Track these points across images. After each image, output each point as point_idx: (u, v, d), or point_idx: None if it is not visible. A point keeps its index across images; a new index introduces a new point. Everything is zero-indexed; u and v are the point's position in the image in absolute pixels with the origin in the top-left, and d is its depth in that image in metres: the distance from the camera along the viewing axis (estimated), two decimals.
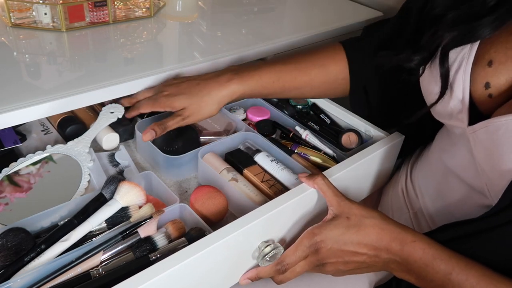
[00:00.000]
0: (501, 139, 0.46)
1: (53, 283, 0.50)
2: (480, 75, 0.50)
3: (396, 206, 0.72)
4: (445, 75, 0.52)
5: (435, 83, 0.54)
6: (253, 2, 1.09)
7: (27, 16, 0.80)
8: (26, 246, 0.52)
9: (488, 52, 0.50)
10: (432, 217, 0.63)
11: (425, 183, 0.67)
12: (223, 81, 0.67)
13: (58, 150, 0.68)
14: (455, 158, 0.59)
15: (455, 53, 0.52)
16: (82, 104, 0.66)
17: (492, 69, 0.49)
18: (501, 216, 0.46)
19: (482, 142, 0.50)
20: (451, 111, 0.54)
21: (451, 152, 0.61)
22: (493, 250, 0.48)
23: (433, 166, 0.66)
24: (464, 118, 0.52)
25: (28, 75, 0.68)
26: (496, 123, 0.46)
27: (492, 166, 0.49)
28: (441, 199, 0.62)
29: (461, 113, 0.52)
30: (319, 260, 0.53)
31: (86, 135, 0.71)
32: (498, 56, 0.49)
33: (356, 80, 0.72)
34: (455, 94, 0.52)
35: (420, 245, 0.49)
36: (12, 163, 0.65)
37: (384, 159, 0.72)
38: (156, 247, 0.55)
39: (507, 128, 0.45)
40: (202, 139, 0.76)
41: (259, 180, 0.67)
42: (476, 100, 0.51)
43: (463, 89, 0.51)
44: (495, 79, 0.49)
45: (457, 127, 0.55)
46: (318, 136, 0.78)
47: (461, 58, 0.51)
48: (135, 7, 0.91)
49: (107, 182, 0.60)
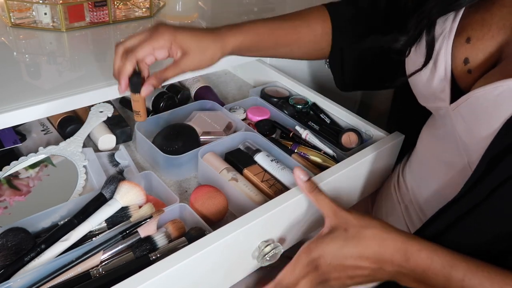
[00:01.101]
0: (479, 109, 0.48)
1: (53, 283, 0.50)
2: (460, 51, 0.52)
3: (389, 202, 0.72)
4: (431, 43, 0.53)
5: (421, 56, 0.55)
6: (253, 2, 1.09)
7: (27, 16, 0.80)
8: (26, 246, 0.52)
9: (466, 30, 0.52)
10: (421, 207, 0.64)
11: (413, 175, 0.68)
12: (223, 31, 0.64)
13: (50, 151, 0.68)
14: (439, 141, 0.61)
15: (438, 30, 0.54)
16: (82, 104, 0.66)
17: (470, 45, 0.51)
18: (484, 185, 0.45)
19: (463, 116, 0.51)
20: (434, 91, 0.55)
21: (434, 137, 0.62)
22: (487, 227, 0.47)
23: (419, 156, 0.67)
24: (447, 96, 0.53)
25: (28, 75, 0.68)
26: (475, 95, 0.48)
27: (472, 138, 0.50)
28: (428, 186, 0.63)
29: (444, 92, 0.54)
30: (321, 277, 0.50)
31: (77, 135, 0.71)
32: (475, 33, 0.51)
33: (336, 43, 0.73)
34: (438, 72, 0.53)
35: (427, 254, 0.47)
36: (5, 166, 0.65)
37: (384, 158, 0.72)
38: (156, 246, 0.55)
39: (485, 98, 0.47)
40: (202, 139, 0.76)
41: (259, 179, 0.67)
42: (456, 77, 0.53)
43: (445, 66, 0.53)
44: (474, 55, 0.51)
45: (440, 107, 0.56)
46: (318, 136, 0.78)
47: (443, 36, 0.53)
48: (135, 7, 0.91)
49: (107, 182, 0.60)
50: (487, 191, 0.45)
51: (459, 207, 0.49)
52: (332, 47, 0.73)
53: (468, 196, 0.48)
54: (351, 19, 0.71)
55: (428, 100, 0.58)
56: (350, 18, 0.71)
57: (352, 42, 0.72)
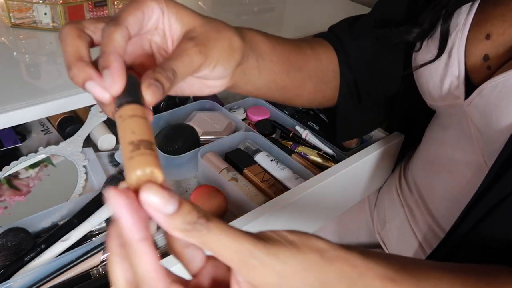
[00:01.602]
0: (497, 97, 0.47)
1: (53, 283, 0.50)
2: (478, 48, 0.51)
3: (391, 206, 0.72)
4: (445, 35, 0.52)
5: (434, 48, 0.54)
6: (253, 2, 1.09)
7: (27, 16, 0.80)
8: (26, 245, 0.52)
9: (484, 26, 0.51)
10: (429, 208, 0.63)
11: (418, 176, 0.67)
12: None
13: (50, 151, 0.68)
14: (448, 141, 0.60)
15: (452, 24, 0.53)
16: (82, 104, 0.66)
17: (490, 42, 0.51)
18: (504, 182, 0.44)
19: (478, 109, 0.50)
20: (447, 88, 0.54)
21: (443, 137, 0.61)
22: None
23: (425, 157, 0.66)
24: (461, 92, 0.52)
25: (28, 75, 0.68)
26: (492, 84, 0.47)
27: (490, 128, 0.49)
28: (437, 187, 0.62)
29: (458, 88, 0.53)
30: None
31: (77, 135, 0.71)
32: (495, 29, 0.50)
33: (345, 70, 0.63)
34: (451, 68, 0.53)
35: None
36: (5, 166, 0.65)
37: (384, 158, 0.72)
38: (156, 246, 0.55)
39: (504, 85, 0.46)
40: (202, 139, 0.76)
41: (259, 179, 0.67)
42: (472, 74, 0.52)
43: (459, 62, 0.52)
44: (494, 51, 0.51)
45: (453, 105, 0.55)
46: (318, 135, 0.78)
47: (456, 32, 0.52)
48: None
49: (107, 181, 0.60)
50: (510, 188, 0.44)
51: (488, 200, 0.47)
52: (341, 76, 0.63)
53: (496, 187, 0.46)
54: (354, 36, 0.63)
55: (439, 98, 0.57)
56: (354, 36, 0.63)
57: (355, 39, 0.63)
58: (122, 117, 0.27)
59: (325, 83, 0.61)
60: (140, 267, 0.24)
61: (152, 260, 0.24)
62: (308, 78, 0.58)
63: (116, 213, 0.23)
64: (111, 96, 0.29)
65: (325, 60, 0.61)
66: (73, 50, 0.31)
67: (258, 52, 0.49)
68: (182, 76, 0.34)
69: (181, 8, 0.38)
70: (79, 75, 0.30)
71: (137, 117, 0.27)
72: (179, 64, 0.34)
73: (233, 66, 0.42)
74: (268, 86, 0.53)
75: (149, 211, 0.24)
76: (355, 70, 0.62)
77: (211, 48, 0.38)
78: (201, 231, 0.25)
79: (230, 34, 0.42)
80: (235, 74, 0.45)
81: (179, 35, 0.38)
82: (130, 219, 0.23)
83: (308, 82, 0.58)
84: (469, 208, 0.50)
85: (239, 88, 0.50)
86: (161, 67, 0.32)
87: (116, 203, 0.23)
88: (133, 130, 0.26)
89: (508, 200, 0.45)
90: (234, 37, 0.42)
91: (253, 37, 0.48)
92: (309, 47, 0.59)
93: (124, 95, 0.29)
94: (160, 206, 0.24)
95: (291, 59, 0.55)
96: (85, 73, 0.30)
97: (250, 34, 0.48)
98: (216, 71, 0.40)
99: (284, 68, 0.53)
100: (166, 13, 0.37)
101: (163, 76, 0.32)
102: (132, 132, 0.26)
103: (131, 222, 0.23)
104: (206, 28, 0.39)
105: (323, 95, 0.62)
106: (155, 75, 0.31)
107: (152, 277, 0.24)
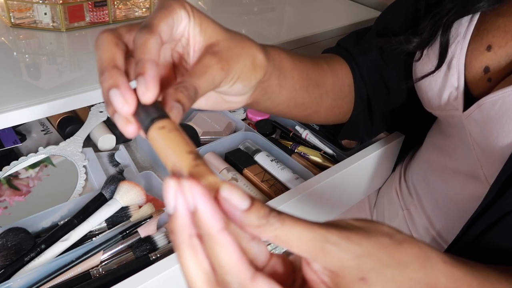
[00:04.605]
0: (497, 113, 0.46)
1: (53, 283, 0.50)
2: (479, 59, 0.51)
3: (390, 207, 0.72)
4: (445, 46, 0.52)
5: (434, 59, 0.54)
6: (253, 2, 1.09)
7: (27, 16, 0.80)
8: (26, 245, 0.52)
9: (486, 37, 0.50)
10: (427, 214, 0.63)
11: (418, 181, 0.67)
12: None
13: (50, 151, 0.68)
14: (448, 150, 0.59)
15: (452, 34, 0.52)
16: (82, 104, 0.66)
17: (492, 53, 0.50)
18: (505, 199, 0.44)
19: (477, 122, 0.50)
20: (446, 99, 0.54)
21: (443, 145, 0.61)
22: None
23: (426, 163, 0.66)
24: (459, 104, 0.52)
25: (28, 75, 0.68)
26: (492, 99, 0.47)
27: (489, 144, 0.49)
28: (436, 194, 0.62)
29: (457, 100, 0.52)
30: None
31: (77, 135, 0.71)
32: (497, 41, 0.49)
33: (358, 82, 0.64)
34: (451, 79, 0.52)
35: None
36: (5, 166, 0.65)
37: (383, 158, 0.72)
38: (156, 246, 0.55)
39: (503, 101, 0.46)
40: (202, 139, 0.76)
41: (259, 179, 0.67)
42: (472, 86, 0.52)
43: (458, 73, 0.52)
44: (495, 63, 0.50)
45: (451, 116, 0.55)
46: (318, 135, 0.78)
47: (456, 42, 0.52)
48: (135, 7, 0.91)
49: (107, 182, 0.60)
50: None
51: (489, 216, 0.47)
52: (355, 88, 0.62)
53: (497, 205, 0.46)
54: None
55: (438, 107, 0.57)
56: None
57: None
58: (167, 128, 0.28)
59: (342, 98, 0.61)
60: (223, 258, 0.24)
61: (236, 250, 0.24)
62: (325, 94, 0.58)
63: (189, 204, 0.24)
64: (131, 109, 0.29)
65: (341, 75, 0.61)
66: (109, 57, 0.31)
67: (281, 70, 0.48)
68: (202, 93, 0.34)
69: (206, 19, 0.37)
70: (108, 80, 0.30)
71: (180, 131, 0.28)
72: (202, 82, 0.34)
73: (254, 83, 0.42)
74: (287, 104, 0.53)
75: (228, 208, 0.25)
76: (367, 83, 0.62)
77: (234, 65, 0.38)
78: (275, 224, 0.25)
79: (255, 51, 0.41)
80: (256, 91, 0.45)
81: (201, 47, 0.37)
82: (210, 209, 0.24)
83: (325, 98, 0.58)
84: (470, 223, 0.49)
85: (258, 105, 0.49)
86: (183, 85, 0.32)
87: (195, 194, 0.24)
88: (186, 141, 0.27)
89: (508, 218, 0.45)
90: (258, 55, 0.42)
91: (276, 55, 0.48)
92: (325, 62, 0.59)
93: (157, 108, 0.29)
94: (237, 202, 0.25)
95: (310, 75, 0.54)
96: (113, 80, 0.30)
97: (274, 52, 0.47)
98: (235, 88, 0.40)
99: (304, 84, 0.53)
100: (192, 22, 0.36)
101: (185, 96, 0.31)
102: (187, 144, 0.27)
103: (211, 211, 0.24)
104: (230, 44, 0.38)
105: (340, 111, 0.62)
106: (177, 95, 0.31)
107: (237, 266, 0.24)
